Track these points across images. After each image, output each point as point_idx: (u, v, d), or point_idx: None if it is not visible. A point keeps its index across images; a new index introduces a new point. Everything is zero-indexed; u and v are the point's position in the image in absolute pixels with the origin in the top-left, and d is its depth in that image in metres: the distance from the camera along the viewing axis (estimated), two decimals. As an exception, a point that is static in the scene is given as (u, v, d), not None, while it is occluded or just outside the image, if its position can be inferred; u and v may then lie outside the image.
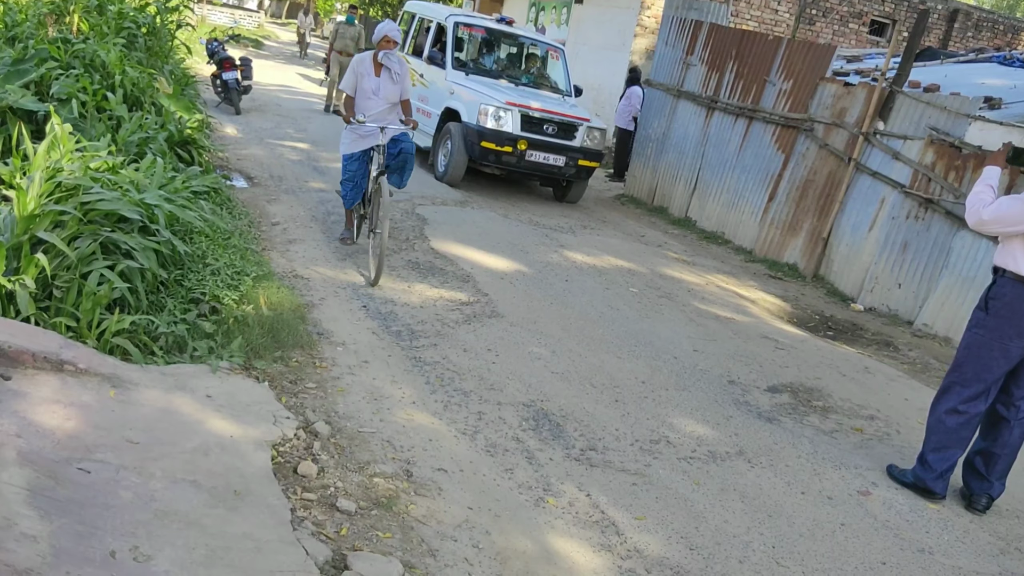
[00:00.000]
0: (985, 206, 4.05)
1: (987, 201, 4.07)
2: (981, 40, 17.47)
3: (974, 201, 4.13)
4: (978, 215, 4.08)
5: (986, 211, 4.04)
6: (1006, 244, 4.09)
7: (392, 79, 6.44)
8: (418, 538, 3.22)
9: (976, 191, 4.15)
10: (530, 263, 7.43)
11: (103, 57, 7.59)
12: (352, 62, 6.44)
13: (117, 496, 2.83)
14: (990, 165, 4.27)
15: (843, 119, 8.84)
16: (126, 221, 4.63)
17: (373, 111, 6.35)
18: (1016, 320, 4.03)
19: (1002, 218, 4.02)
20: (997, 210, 4.01)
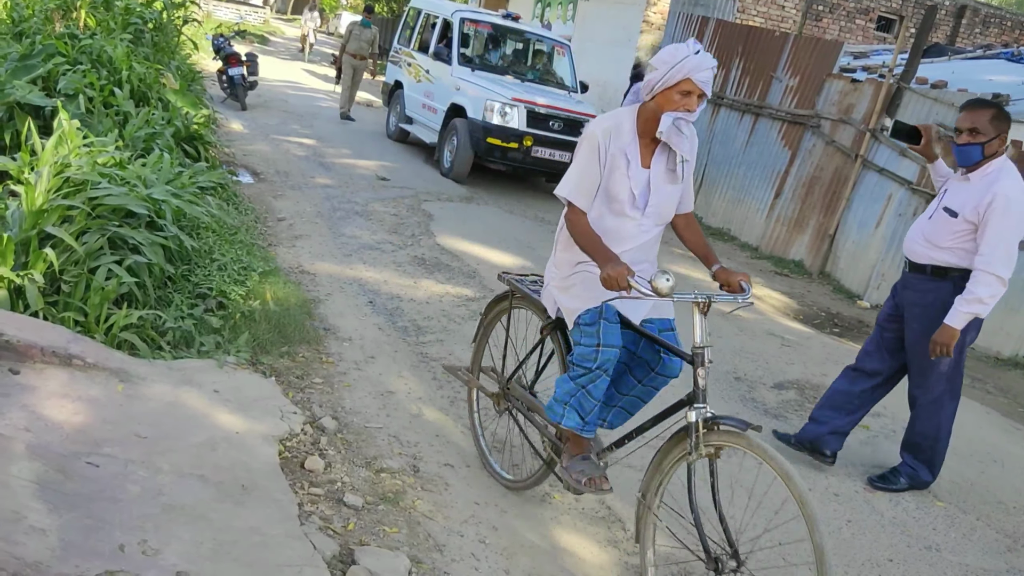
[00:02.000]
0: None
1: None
2: (989, 36, 17.40)
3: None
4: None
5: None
6: None
7: (675, 172, 3.12)
8: (425, 533, 3.22)
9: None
10: (535, 259, 7.42)
11: (110, 53, 7.60)
12: (589, 131, 3.01)
13: (125, 490, 2.84)
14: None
15: (850, 115, 8.82)
16: (133, 216, 4.63)
17: (629, 245, 3.13)
18: None
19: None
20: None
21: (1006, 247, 3.64)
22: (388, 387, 4.41)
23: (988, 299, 3.66)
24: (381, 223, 7.67)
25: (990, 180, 3.71)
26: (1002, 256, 3.63)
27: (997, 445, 5.17)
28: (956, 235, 3.79)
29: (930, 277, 3.93)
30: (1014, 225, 3.64)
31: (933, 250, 3.88)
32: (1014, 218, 3.64)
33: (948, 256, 3.83)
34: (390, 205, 8.40)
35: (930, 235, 3.90)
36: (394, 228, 7.58)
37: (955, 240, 3.79)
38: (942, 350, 3.77)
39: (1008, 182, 3.67)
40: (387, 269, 6.37)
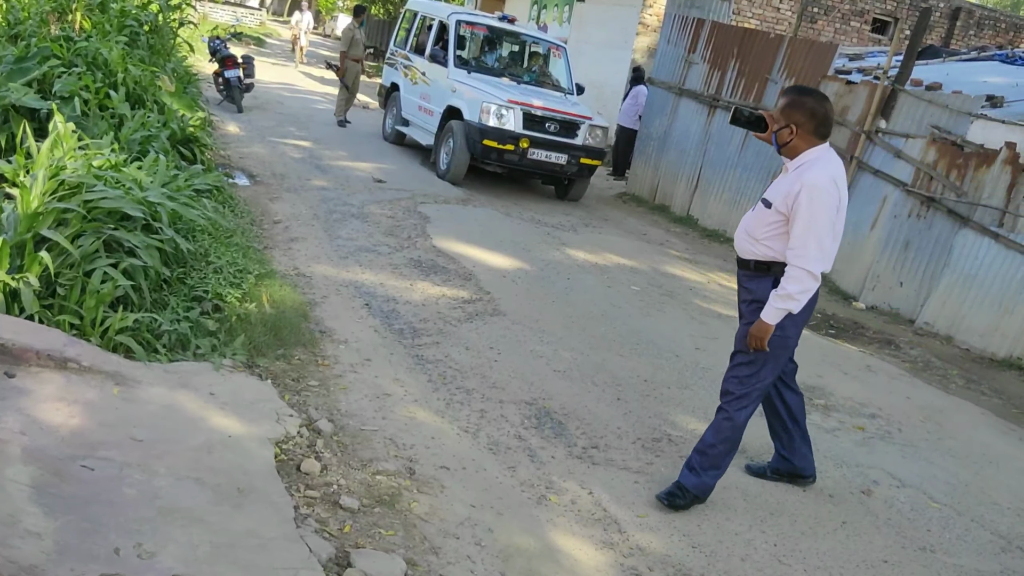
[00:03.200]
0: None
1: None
2: (983, 38, 17.45)
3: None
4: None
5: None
6: None
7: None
8: (421, 535, 3.22)
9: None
10: (532, 261, 7.44)
11: (105, 55, 7.60)
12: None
13: (121, 493, 2.84)
14: None
15: (845, 117, 8.84)
16: (129, 219, 4.63)
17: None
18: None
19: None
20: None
21: (815, 240, 3.42)
22: (384, 389, 4.42)
23: (798, 295, 3.47)
24: (377, 225, 7.67)
25: (802, 171, 3.48)
26: (812, 250, 3.42)
27: (992, 446, 5.18)
28: (770, 227, 3.57)
29: (754, 272, 3.71)
30: (822, 217, 3.42)
31: (753, 244, 3.66)
32: (821, 210, 3.41)
33: (765, 249, 3.61)
34: (386, 207, 8.40)
35: (750, 228, 3.69)
36: (390, 230, 7.58)
37: (769, 231, 3.57)
38: (756, 343, 3.58)
39: (818, 172, 3.44)
40: (383, 271, 6.37)
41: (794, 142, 3.54)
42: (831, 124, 3.57)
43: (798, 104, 3.53)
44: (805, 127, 3.50)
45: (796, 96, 3.57)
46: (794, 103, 3.54)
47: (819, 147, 3.54)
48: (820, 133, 3.52)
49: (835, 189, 3.44)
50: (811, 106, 3.51)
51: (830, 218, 3.45)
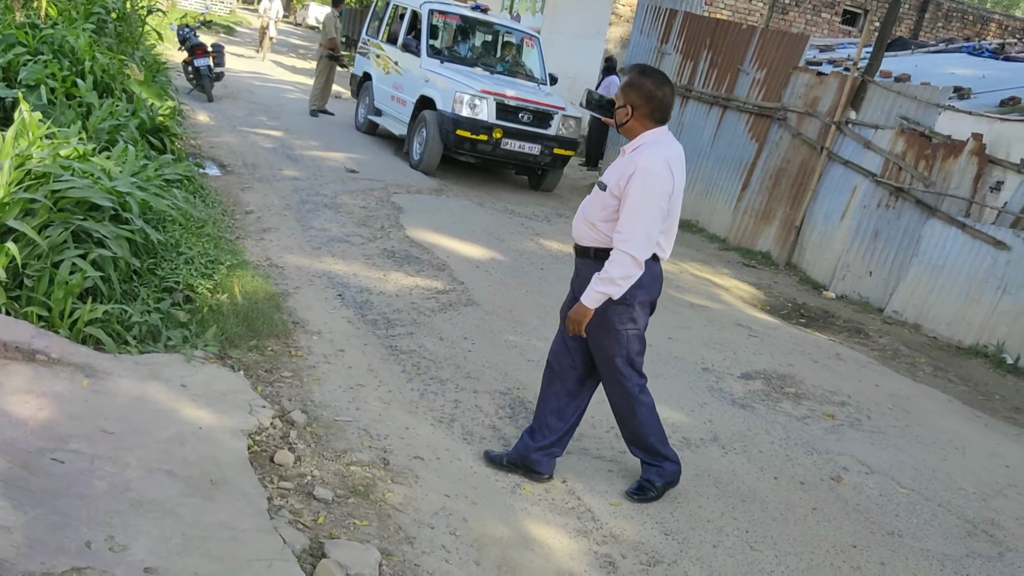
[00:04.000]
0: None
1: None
2: (951, 30, 17.66)
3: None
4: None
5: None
6: None
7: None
8: (395, 525, 3.23)
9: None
10: (506, 251, 7.44)
11: (72, 43, 7.48)
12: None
13: (92, 486, 2.82)
14: None
15: (816, 108, 8.92)
16: (98, 209, 4.57)
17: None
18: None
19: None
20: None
21: (643, 225, 3.28)
22: (358, 380, 4.40)
23: (620, 280, 3.30)
24: (350, 215, 7.63)
25: (637, 153, 3.35)
26: (638, 235, 3.27)
27: (959, 432, 5.27)
28: (604, 210, 3.41)
29: (595, 261, 3.47)
30: (652, 203, 3.28)
31: (591, 229, 3.48)
32: (651, 195, 3.27)
33: (601, 235, 3.44)
34: (359, 197, 8.36)
35: (588, 213, 3.51)
36: (363, 221, 7.55)
37: (603, 215, 3.41)
38: (573, 328, 3.44)
39: (651, 155, 3.30)
40: (356, 262, 6.35)
41: (630, 123, 3.42)
42: (668, 108, 3.40)
43: (636, 85, 3.38)
44: (641, 109, 3.37)
45: (636, 76, 3.41)
46: (632, 83, 3.40)
47: (655, 130, 3.40)
48: (656, 117, 3.38)
49: (668, 174, 3.32)
50: (648, 88, 3.36)
51: (660, 204, 3.31)
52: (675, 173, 3.36)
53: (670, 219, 3.45)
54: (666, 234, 3.48)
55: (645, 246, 3.32)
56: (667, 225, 3.45)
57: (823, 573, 3.49)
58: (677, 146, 3.46)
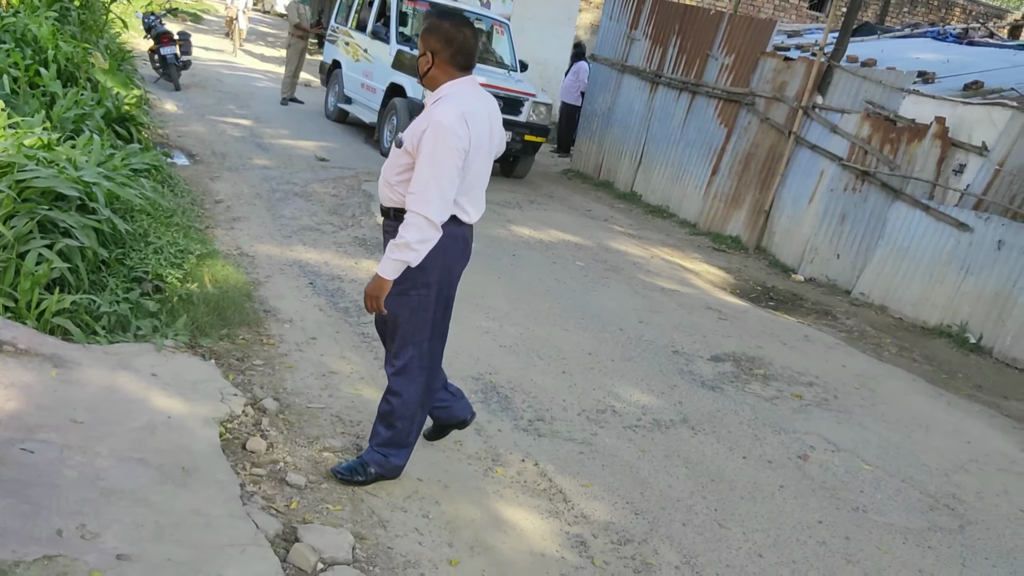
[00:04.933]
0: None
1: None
2: (916, 15, 17.86)
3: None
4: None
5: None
6: None
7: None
8: (368, 510, 3.25)
9: None
10: (477, 238, 7.44)
11: (35, 31, 7.37)
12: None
13: (62, 475, 2.81)
14: None
15: (783, 93, 9.00)
16: (64, 199, 4.53)
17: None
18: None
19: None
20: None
21: (436, 184, 2.99)
22: (330, 367, 4.41)
23: (416, 244, 3.02)
24: (321, 204, 7.61)
25: (434, 106, 3.08)
26: (432, 194, 2.99)
27: (922, 410, 5.39)
28: (400, 169, 3.14)
29: (394, 222, 3.20)
30: (445, 159, 2.98)
31: (390, 189, 3.21)
32: (445, 151, 2.98)
33: (398, 195, 3.17)
34: (330, 186, 8.33)
35: (386, 171, 3.24)
36: (334, 209, 7.53)
37: (401, 175, 3.14)
38: (372, 304, 3.15)
39: (446, 108, 3.02)
40: (328, 250, 6.34)
41: (432, 72, 3.16)
42: (471, 52, 3.13)
43: (435, 29, 3.12)
44: (441, 55, 3.11)
45: (434, 20, 3.16)
46: (431, 27, 3.14)
47: (459, 80, 3.14)
48: (458, 63, 3.12)
49: (464, 128, 3.00)
50: (447, 31, 3.10)
51: (454, 161, 3.00)
52: (473, 127, 3.04)
53: (472, 178, 3.15)
54: (469, 195, 3.18)
55: (439, 206, 3.02)
56: (469, 184, 3.15)
57: (790, 548, 3.56)
58: (484, 99, 3.19)
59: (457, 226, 3.19)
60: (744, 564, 3.40)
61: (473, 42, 3.14)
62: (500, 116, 3.31)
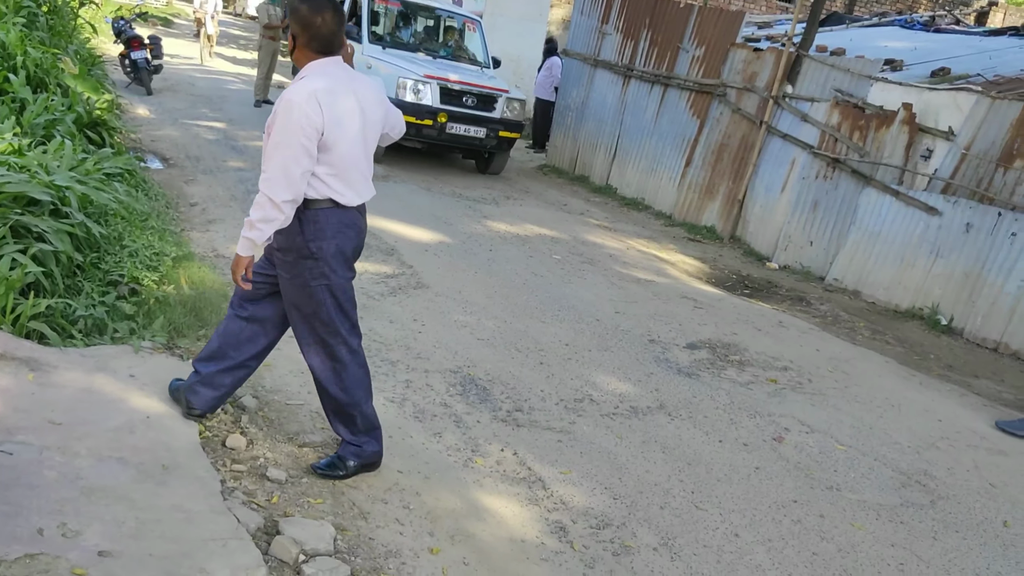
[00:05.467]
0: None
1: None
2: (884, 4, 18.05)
3: None
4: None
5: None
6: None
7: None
8: (349, 502, 3.28)
9: None
10: (454, 234, 7.49)
11: (2, 38, 7.33)
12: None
13: (42, 476, 2.83)
14: None
15: (754, 83, 9.09)
16: (36, 204, 4.52)
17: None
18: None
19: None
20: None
21: (281, 163, 2.98)
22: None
23: (260, 223, 3.05)
24: (296, 204, 7.60)
25: (288, 87, 3.07)
26: (275, 173, 2.99)
27: (895, 391, 5.48)
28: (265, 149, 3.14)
29: None
30: (291, 138, 2.96)
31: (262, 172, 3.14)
32: (291, 129, 2.96)
33: None
34: (305, 186, 8.32)
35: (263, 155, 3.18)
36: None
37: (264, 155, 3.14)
38: (233, 276, 3.26)
39: (297, 87, 3.01)
40: (304, 249, 6.34)
41: (296, 54, 3.16)
42: (328, 38, 3.10)
43: (294, 12, 3.11)
44: (300, 38, 3.11)
45: (295, 3, 3.13)
46: (292, 10, 3.13)
47: (320, 61, 3.12)
48: (314, 47, 3.10)
49: (314, 106, 2.96)
50: (304, 16, 3.08)
51: (301, 140, 2.96)
52: (328, 105, 3.00)
53: (342, 158, 3.10)
54: (342, 176, 3.13)
55: (283, 186, 2.99)
56: (340, 165, 3.11)
57: (765, 527, 3.63)
58: (349, 79, 3.15)
59: (341, 210, 3.17)
60: (721, 544, 3.46)
61: (333, 27, 3.10)
62: (379, 96, 3.28)
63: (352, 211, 3.22)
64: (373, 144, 3.30)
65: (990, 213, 6.83)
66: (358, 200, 3.22)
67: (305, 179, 3.04)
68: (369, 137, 3.25)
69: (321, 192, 3.11)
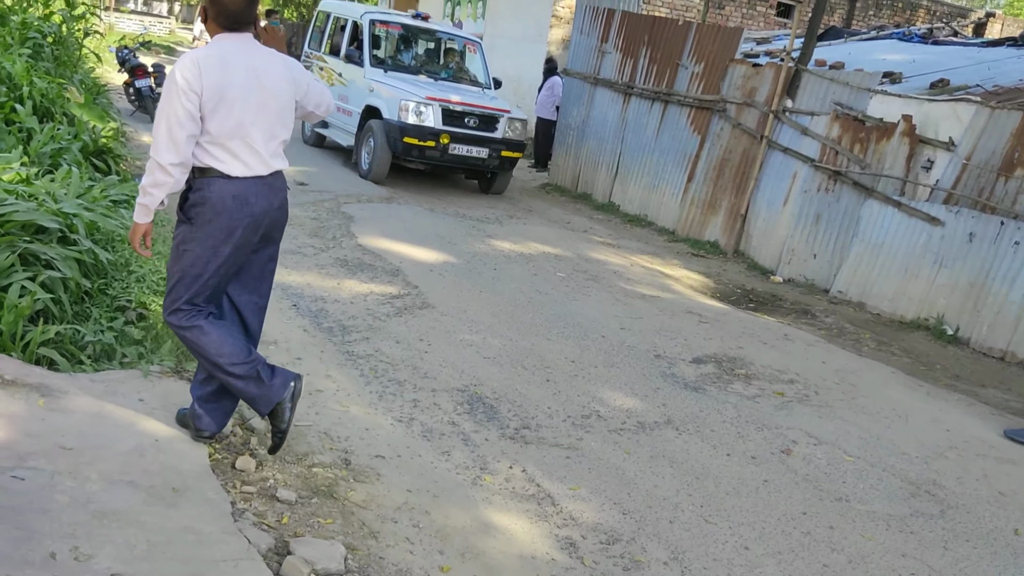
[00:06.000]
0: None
1: None
2: (882, 18, 18.15)
3: None
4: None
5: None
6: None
7: None
8: (359, 522, 3.29)
9: None
10: (458, 254, 7.52)
11: (9, 69, 7.41)
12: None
13: (54, 500, 2.85)
14: None
15: (753, 98, 9.14)
16: (45, 232, 4.57)
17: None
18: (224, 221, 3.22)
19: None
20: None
21: (165, 127, 3.04)
22: (316, 386, 4.45)
23: (151, 188, 3.12)
24: (302, 227, 7.66)
25: None
26: (161, 138, 3.06)
27: (902, 401, 5.48)
28: None
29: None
30: (172, 104, 3.02)
31: None
32: (172, 96, 3.02)
33: None
34: (310, 209, 8.39)
35: None
36: (315, 232, 7.58)
37: None
38: (132, 247, 3.35)
39: (184, 57, 3.10)
40: (310, 272, 6.39)
41: (208, 26, 3.20)
42: (232, 14, 3.13)
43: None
44: (209, 11, 3.15)
45: None
46: None
47: (223, 35, 3.17)
48: (220, 22, 3.15)
49: (194, 72, 3.02)
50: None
51: (180, 103, 3.01)
52: (210, 72, 3.04)
53: (228, 126, 3.12)
54: (227, 145, 3.15)
55: (168, 149, 3.05)
56: (227, 133, 3.13)
57: (775, 540, 3.63)
58: (247, 51, 3.18)
59: (226, 179, 3.17)
60: (731, 557, 3.46)
61: (238, 5, 3.13)
62: (289, 73, 3.29)
63: (241, 182, 3.19)
64: (278, 118, 3.29)
65: (992, 222, 6.85)
66: (246, 172, 3.19)
67: (190, 143, 3.09)
68: (270, 110, 3.23)
69: (203, 160, 3.14)
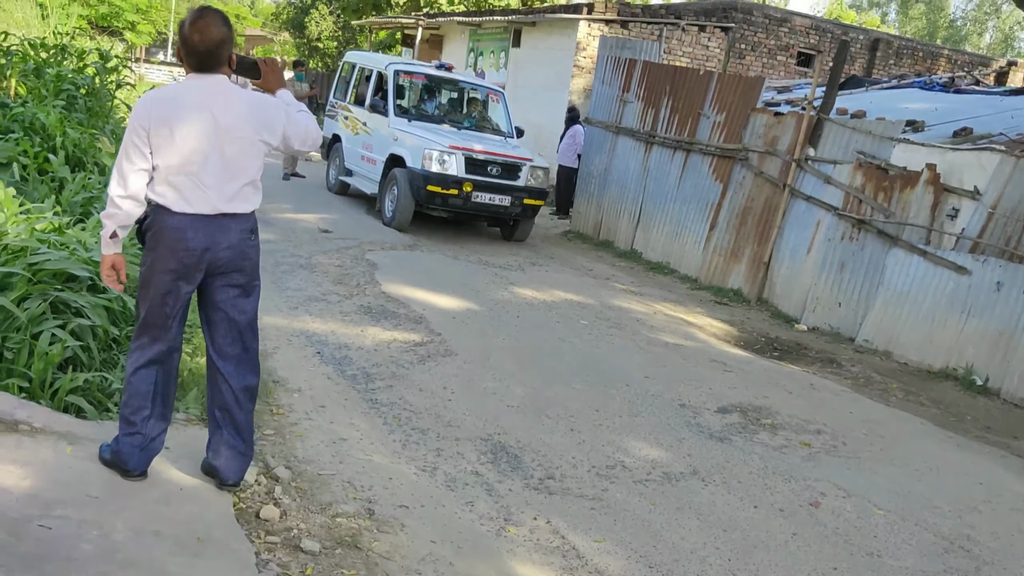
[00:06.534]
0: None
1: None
2: (902, 67, 18.23)
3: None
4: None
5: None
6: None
7: None
8: (383, 573, 3.26)
9: None
10: (481, 302, 7.54)
11: (43, 120, 7.59)
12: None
13: (79, 549, 2.84)
14: None
15: (776, 147, 9.17)
16: (75, 280, 4.63)
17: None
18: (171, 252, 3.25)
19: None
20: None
21: (118, 161, 3.17)
22: (340, 434, 4.45)
23: (105, 219, 3.22)
24: (326, 275, 7.72)
25: None
26: (115, 171, 3.18)
27: (932, 453, 5.39)
28: None
29: None
30: (126, 137, 3.16)
31: None
32: (128, 130, 3.16)
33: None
34: (334, 257, 8.46)
35: None
36: (339, 279, 7.64)
37: None
38: (105, 282, 3.43)
39: (146, 94, 3.26)
40: (334, 319, 6.42)
41: (185, 67, 3.27)
42: (199, 54, 3.16)
43: (180, 26, 3.23)
44: (181, 52, 3.22)
45: (183, 19, 3.23)
46: (179, 25, 3.24)
47: (191, 75, 3.23)
48: (191, 63, 3.20)
49: (144, 108, 3.14)
50: (183, 31, 3.18)
51: (131, 138, 3.13)
52: (159, 108, 3.13)
53: (175, 162, 3.15)
54: (169, 182, 3.17)
55: (116, 182, 3.17)
56: (174, 169, 3.16)
57: (806, 596, 3.55)
58: (211, 93, 3.21)
59: (168, 213, 3.20)
60: (761, 614, 3.39)
61: (203, 44, 3.15)
62: (255, 113, 3.31)
63: (181, 217, 3.20)
64: (237, 160, 3.28)
65: (1021, 271, 6.79)
66: (187, 208, 3.19)
67: (140, 177, 3.15)
68: (226, 152, 3.23)
69: (150, 193, 3.21)
